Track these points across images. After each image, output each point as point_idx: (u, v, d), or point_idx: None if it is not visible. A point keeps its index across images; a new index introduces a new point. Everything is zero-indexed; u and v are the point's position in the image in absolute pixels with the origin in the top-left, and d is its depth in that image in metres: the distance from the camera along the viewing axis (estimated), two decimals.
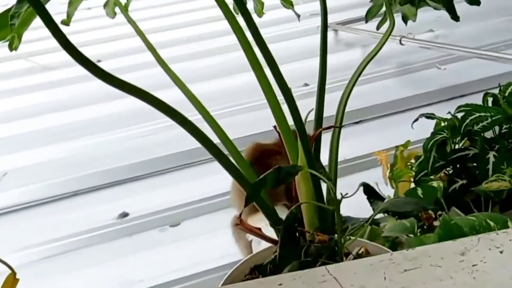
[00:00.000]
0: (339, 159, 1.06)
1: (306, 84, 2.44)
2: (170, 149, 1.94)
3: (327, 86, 1.11)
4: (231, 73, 2.66)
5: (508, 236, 0.77)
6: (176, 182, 1.85)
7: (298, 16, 1.19)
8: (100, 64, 0.85)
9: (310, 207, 0.95)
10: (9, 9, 0.91)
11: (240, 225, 1.03)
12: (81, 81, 2.49)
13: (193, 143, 0.93)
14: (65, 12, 1.05)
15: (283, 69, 0.97)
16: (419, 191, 1.24)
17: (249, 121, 2.21)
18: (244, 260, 1.09)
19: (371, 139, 2.03)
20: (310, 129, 1.02)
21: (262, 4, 1.18)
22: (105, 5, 1.11)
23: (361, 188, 1.11)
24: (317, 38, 3.40)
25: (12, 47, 0.96)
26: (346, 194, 0.91)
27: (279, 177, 0.85)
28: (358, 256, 0.91)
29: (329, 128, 1.06)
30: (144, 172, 1.86)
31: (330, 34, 3.07)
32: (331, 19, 3.17)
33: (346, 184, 1.25)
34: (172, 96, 1.10)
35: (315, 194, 0.94)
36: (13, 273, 0.88)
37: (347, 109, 1.09)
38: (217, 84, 2.58)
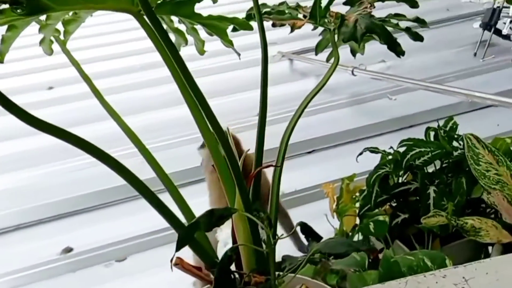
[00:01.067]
0: (289, 190, 1.07)
1: None
2: (115, 181, 1.90)
3: (279, 116, 1.12)
4: (168, 105, 2.62)
5: (435, 279, 0.77)
6: (122, 216, 1.82)
7: (239, 54, 1.19)
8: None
9: (247, 249, 0.94)
10: None
11: (179, 265, 1.01)
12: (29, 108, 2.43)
13: None
14: None
15: (240, 97, 0.97)
16: (371, 226, 1.25)
17: (187, 154, 2.18)
18: None
19: (321, 169, 2.05)
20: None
21: (203, 42, 1.18)
22: (41, 42, 1.09)
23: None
24: (274, 66, 3.43)
25: None
26: (282, 235, 0.90)
27: (211, 221, 0.84)
28: None
29: (268, 166, 1.06)
30: (89, 205, 1.82)
31: (286, 63, 3.11)
32: (287, 48, 3.23)
33: (296, 216, 1.25)
34: (109, 128, 1.08)
35: (252, 236, 0.93)
36: None
37: (298, 139, 1.09)
38: (154, 115, 2.55)
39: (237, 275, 0.94)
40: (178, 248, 0.83)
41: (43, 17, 1.04)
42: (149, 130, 2.10)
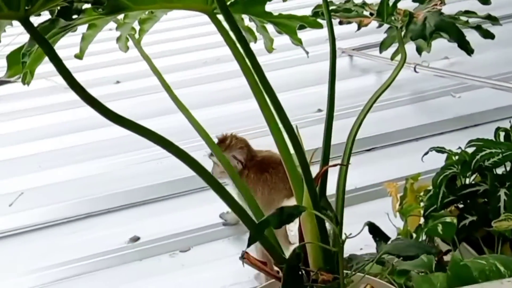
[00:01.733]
0: (349, 187, 1.06)
1: (319, 110, 2.45)
2: (184, 172, 1.95)
3: (340, 113, 1.11)
4: (235, 99, 2.67)
5: None
6: (188, 207, 1.86)
7: (307, 53, 1.20)
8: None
9: (314, 247, 0.95)
10: (21, 47, 0.94)
11: (246, 259, 1.04)
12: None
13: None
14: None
15: (298, 93, 0.98)
16: (439, 227, 1.22)
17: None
18: None
19: (382, 167, 2.03)
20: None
21: (272, 40, 1.20)
22: (117, 40, 1.13)
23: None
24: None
25: (24, 81, 0.99)
26: (350, 234, 0.91)
27: (282, 218, 0.86)
28: None
29: (335, 165, 1.07)
30: (157, 195, 1.87)
31: (345, 60, 3.08)
32: (347, 44, 3.20)
33: (356, 214, 1.25)
34: (177, 122, 1.11)
35: (320, 234, 0.94)
36: None
37: (358, 137, 1.09)
38: (220, 110, 2.58)
39: (304, 272, 0.96)
40: (249, 244, 0.85)
41: (120, 16, 1.08)
42: (216, 124, 2.14)
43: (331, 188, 1.04)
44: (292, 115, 0.98)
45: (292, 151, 0.99)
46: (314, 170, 1.01)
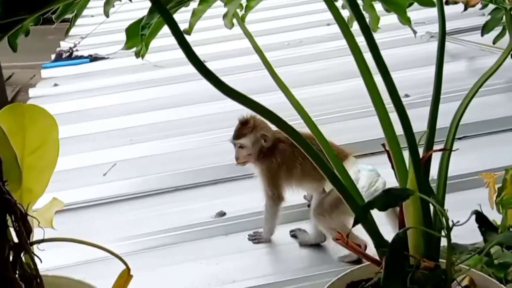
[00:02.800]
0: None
1: (406, 95, 2.39)
2: None
3: (427, 99, 1.09)
4: (332, 79, 2.66)
5: None
6: None
7: (415, 32, 1.17)
8: (206, 65, 0.88)
9: (416, 232, 0.93)
10: (139, 20, 0.97)
11: (340, 240, 1.03)
12: (189, 79, 2.60)
13: None
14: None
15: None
16: None
17: (351, 128, 2.20)
18: (339, 276, 1.09)
19: (474, 157, 1.95)
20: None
21: (378, 19, 1.17)
22: (224, 16, 1.15)
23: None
24: (420, 47, 3.30)
25: (139, 54, 1.02)
26: (458, 222, 0.88)
27: (388, 201, 0.84)
28: (466, 287, 0.88)
29: (440, 150, 1.04)
30: (243, 173, 1.89)
31: (434, 44, 2.97)
32: (436, 28, 3.08)
33: (447, 203, 1.21)
34: (270, 100, 1.12)
35: (424, 219, 0.92)
36: (128, 269, 0.94)
37: (446, 125, 1.05)
38: (319, 89, 2.58)
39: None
40: (354, 225, 0.84)
41: None
42: (314, 103, 2.15)
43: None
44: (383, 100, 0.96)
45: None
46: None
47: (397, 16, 1.10)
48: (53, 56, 3.56)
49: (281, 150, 1.55)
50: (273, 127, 1.54)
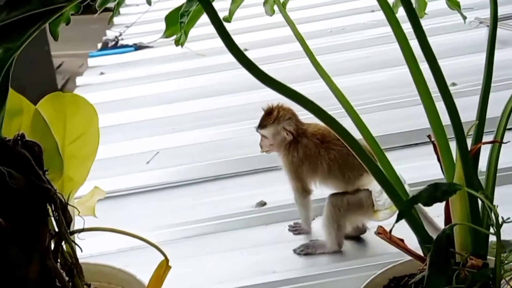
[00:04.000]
0: (483, 169, 0.99)
1: (453, 84, 2.31)
2: None
3: (477, 87, 1.04)
4: (374, 67, 2.60)
5: None
6: None
7: (465, 18, 1.11)
8: (246, 53, 0.87)
9: (463, 228, 0.89)
10: (179, 8, 0.96)
11: (382, 234, 1.00)
12: (231, 67, 2.59)
13: None
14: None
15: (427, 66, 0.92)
16: None
17: (393, 117, 2.15)
18: (382, 271, 1.07)
19: None
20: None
21: (425, 4, 1.12)
22: (264, 3, 1.12)
23: None
24: (468, 34, 3.19)
25: (178, 43, 1.01)
26: (508, 218, 0.84)
27: (434, 195, 0.81)
28: None
29: (490, 142, 0.99)
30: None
31: (483, 31, 2.87)
32: (485, 14, 2.96)
33: (496, 197, 1.16)
34: (311, 89, 1.10)
35: (471, 215, 0.88)
36: (166, 260, 0.94)
37: (490, 115, 1.00)
38: (361, 78, 2.53)
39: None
40: (398, 220, 0.81)
41: None
42: (357, 92, 2.10)
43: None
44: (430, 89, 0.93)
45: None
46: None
47: (445, 0, 1.05)
48: (99, 45, 3.62)
49: (304, 145, 1.48)
50: (302, 120, 1.50)
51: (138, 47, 3.41)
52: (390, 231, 0.88)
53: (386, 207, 1.42)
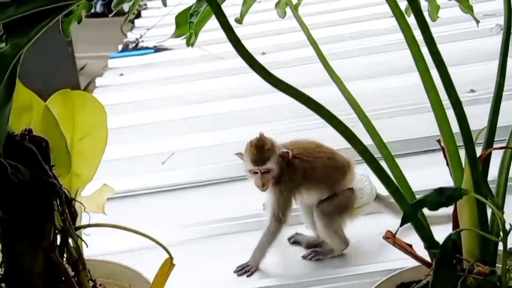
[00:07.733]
0: (493, 178, 0.97)
1: (472, 90, 2.28)
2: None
3: (491, 96, 1.03)
4: (389, 73, 2.57)
5: None
6: None
7: (478, 22, 1.10)
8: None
9: (470, 234, 0.88)
10: (189, 8, 0.97)
11: (390, 239, 0.99)
12: (249, 71, 2.59)
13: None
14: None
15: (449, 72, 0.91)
16: None
17: (406, 124, 2.12)
18: (388, 277, 1.06)
19: None
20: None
21: (438, 7, 1.11)
22: (276, 5, 1.13)
23: None
24: (490, 40, 3.14)
25: (189, 43, 1.02)
26: None
27: (439, 200, 0.79)
28: None
29: (500, 148, 0.97)
30: None
31: (500, 37, 2.82)
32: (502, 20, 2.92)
33: (508, 205, 1.14)
34: (325, 94, 1.09)
35: (479, 221, 0.87)
36: (171, 258, 0.95)
37: (500, 124, 0.98)
38: (375, 84, 2.51)
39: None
40: (402, 224, 0.80)
41: None
42: (368, 98, 2.09)
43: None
44: (442, 95, 0.92)
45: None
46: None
47: (458, 4, 1.04)
48: (120, 47, 3.67)
49: (298, 167, 1.44)
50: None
51: (158, 49, 3.43)
52: (394, 234, 0.87)
53: (364, 203, 1.49)
